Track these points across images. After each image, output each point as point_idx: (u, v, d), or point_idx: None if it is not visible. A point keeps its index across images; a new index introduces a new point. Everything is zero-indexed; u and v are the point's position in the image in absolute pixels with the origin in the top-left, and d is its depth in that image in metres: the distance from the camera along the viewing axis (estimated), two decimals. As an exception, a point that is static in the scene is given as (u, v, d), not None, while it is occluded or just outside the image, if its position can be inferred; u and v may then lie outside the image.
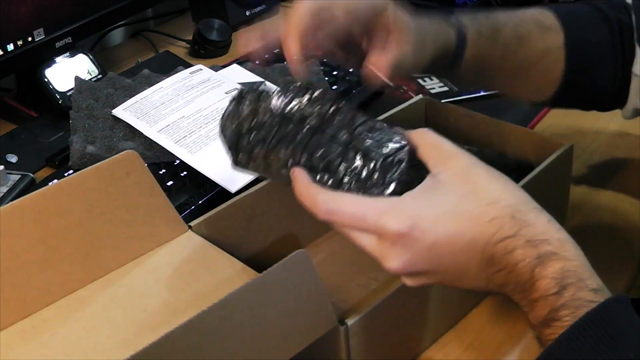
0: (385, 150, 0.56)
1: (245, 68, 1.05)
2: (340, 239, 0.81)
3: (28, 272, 0.61)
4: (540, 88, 0.78)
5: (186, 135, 0.88)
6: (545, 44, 0.75)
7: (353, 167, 0.56)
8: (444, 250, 0.51)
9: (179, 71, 1.02)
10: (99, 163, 0.65)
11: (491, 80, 0.78)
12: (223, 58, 1.25)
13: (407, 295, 0.64)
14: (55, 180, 0.86)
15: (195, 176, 0.85)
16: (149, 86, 0.97)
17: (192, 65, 1.03)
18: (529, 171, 0.72)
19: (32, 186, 0.89)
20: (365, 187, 0.55)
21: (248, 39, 0.67)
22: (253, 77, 1.02)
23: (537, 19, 0.76)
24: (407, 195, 0.52)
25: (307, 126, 0.58)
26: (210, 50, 1.25)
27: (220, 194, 0.85)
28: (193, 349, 0.51)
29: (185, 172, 0.86)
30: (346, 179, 0.56)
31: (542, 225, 0.51)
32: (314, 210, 0.55)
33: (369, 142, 0.56)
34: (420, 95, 0.87)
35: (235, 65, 1.06)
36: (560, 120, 1.02)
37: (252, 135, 0.60)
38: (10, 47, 1.00)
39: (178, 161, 0.87)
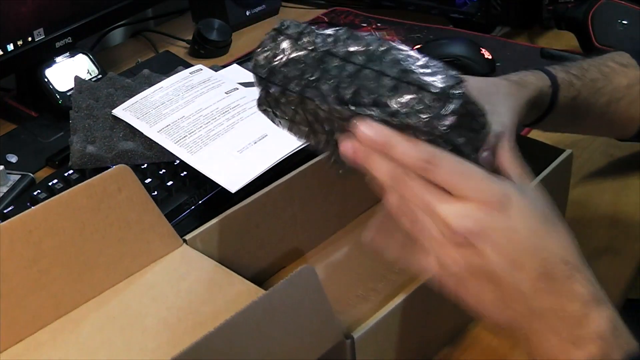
0: (441, 84, 0.52)
1: (245, 68, 1.05)
2: (335, 249, 0.81)
3: (20, 294, 0.59)
4: (627, 121, 0.81)
5: (186, 135, 0.88)
6: (627, 79, 0.79)
7: (405, 100, 0.52)
8: (515, 241, 0.50)
9: (179, 71, 1.02)
10: (90, 179, 0.64)
11: (582, 120, 0.79)
12: (223, 58, 1.25)
13: (412, 307, 0.63)
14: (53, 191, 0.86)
15: (195, 176, 0.85)
16: (149, 86, 0.97)
17: (192, 65, 1.03)
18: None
19: (32, 186, 0.89)
20: (420, 121, 0.52)
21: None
22: (253, 77, 1.02)
23: (615, 58, 0.81)
24: (499, 177, 0.52)
25: (354, 62, 0.54)
26: (210, 50, 1.25)
27: (220, 194, 0.85)
28: None
29: (185, 172, 0.86)
30: (399, 113, 0.52)
31: (593, 277, 0.52)
32: (409, 154, 0.51)
33: (423, 76, 0.52)
34: None
35: (235, 65, 1.06)
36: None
37: (289, 69, 0.55)
38: (10, 47, 1.00)
39: (178, 161, 0.87)
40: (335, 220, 0.82)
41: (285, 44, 0.56)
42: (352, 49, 0.54)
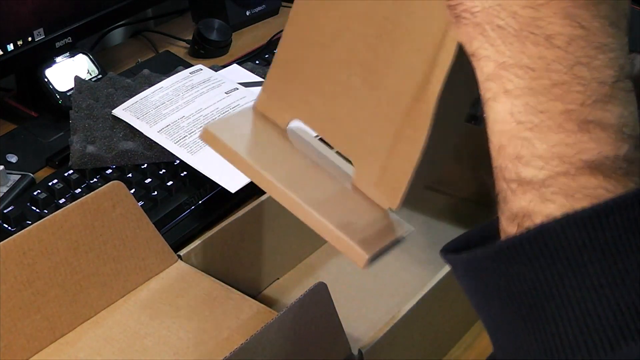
0: None
1: (246, 68, 1.05)
2: (331, 256, 0.80)
3: (15, 318, 0.58)
4: None
5: (186, 135, 0.88)
6: None
7: None
8: None
9: (179, 71, 1.02)
10: (83, 197, 0.63)
11: None
12: (223, 58, 1.24)
13: (417, 317, 0.62)
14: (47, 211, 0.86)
15: (195, 176, 0.85)
16: (149, 86, 0.97)
17: (192, 65, 1.03)
18: None
19: (32, 186, 0.89)
20: None
21: None
22: (253, 77, 1.02)
23: None
24: None
25: None
26: (210, 50, 1.25)
27: (220, 194, 0.85)
28: None
29: (185, 172, 0.86)
30: None
31: None
32: None
33: None
34: None
35: (235, 65, 1.06)
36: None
37: None
38: (10, 47, 1.00)
39: (178, 161, 0.87)
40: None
41: None
42: None
